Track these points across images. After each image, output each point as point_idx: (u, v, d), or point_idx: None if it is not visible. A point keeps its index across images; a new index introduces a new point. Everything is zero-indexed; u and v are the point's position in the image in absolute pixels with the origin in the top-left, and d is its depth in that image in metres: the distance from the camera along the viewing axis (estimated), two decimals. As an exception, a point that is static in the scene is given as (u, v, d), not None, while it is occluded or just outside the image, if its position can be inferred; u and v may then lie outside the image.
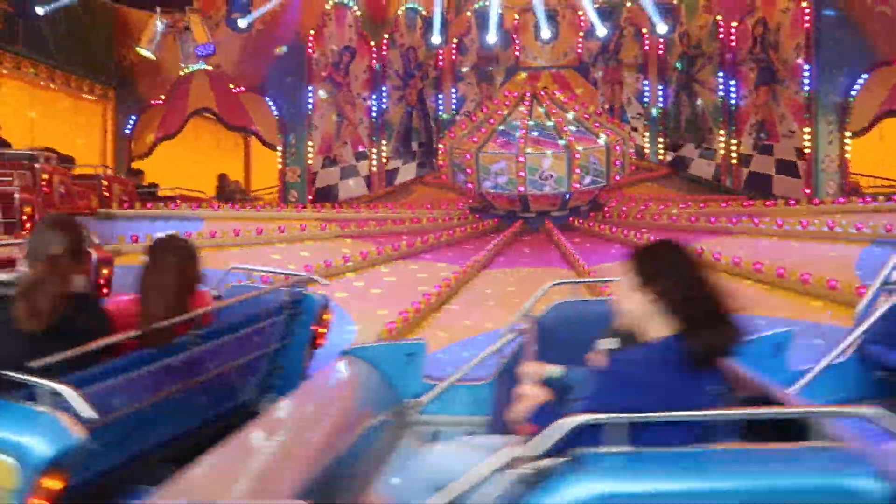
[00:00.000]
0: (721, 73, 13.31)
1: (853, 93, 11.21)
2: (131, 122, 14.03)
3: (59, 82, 12.88)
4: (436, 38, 13.65)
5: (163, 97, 13.80)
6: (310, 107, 13.45)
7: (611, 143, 10.71)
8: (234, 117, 13.64)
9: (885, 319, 3.18)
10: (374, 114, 14.35)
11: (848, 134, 11.38)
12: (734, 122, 13.11)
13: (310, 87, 13.46)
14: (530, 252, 9.27)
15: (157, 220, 9.05)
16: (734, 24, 13.01)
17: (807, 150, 11.47)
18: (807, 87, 11.45)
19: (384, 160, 14.47)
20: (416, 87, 14.90)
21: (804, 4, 11.42)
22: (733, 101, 13.13)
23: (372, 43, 14.25)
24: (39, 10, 11.16)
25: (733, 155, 13.16)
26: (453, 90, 15.15)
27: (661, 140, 14.69)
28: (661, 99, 14.66)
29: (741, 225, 9.27)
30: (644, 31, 14.44)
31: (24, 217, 6.60)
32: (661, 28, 13.06)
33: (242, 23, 12.44)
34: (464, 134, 11.21)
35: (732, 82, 13.10)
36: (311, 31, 13.55)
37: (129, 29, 13.54)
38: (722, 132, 13.35)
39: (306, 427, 2.06)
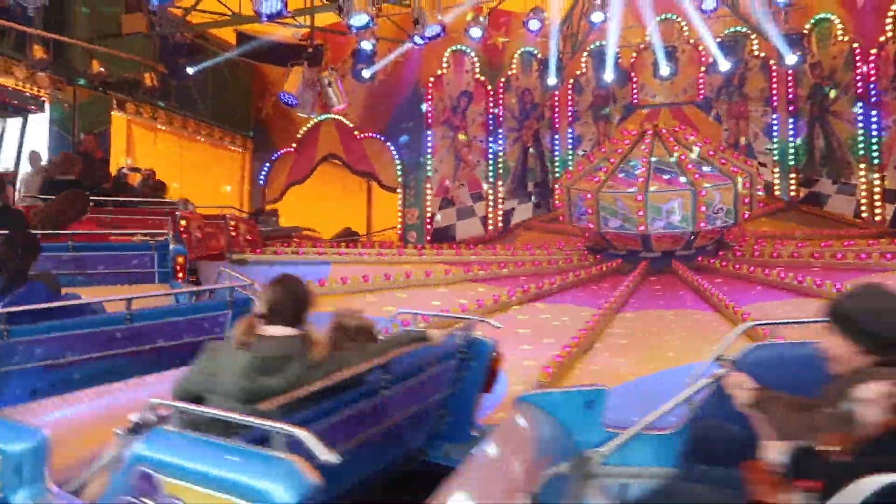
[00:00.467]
0: (860, 104, 12.48)
1: None
2: (265, 168, 15.12)
3: (204, 134, 14.15)
4: (551, 80, 13.76)
5: (294, 145, 14.79)
6: (429, 151, 13.94)
7: (739, 179, 10.28)
8: (359, 162, 14.36)
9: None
10: (490, 156, 14.62)
11: None
12: (877, 155, 12.21)
13: (428, 132, 13.96)
14: (661, 293, 8.97)
15: (286, 263, 9.32)
16: (873, 51, 12.22)
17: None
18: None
19: (500, 201, 14.64)
20: (531, 128, 15.05)
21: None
22: (875, 133, 12.25)
23: (489, 87, 14.61)
24: (189, 71, 12.34)
25: (876, 190, 12.23)
26: (569, 130, 15.15)
27: (792, 176, 13.89)
28: (791, 132, 13.91)
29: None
30: (771, 62, 13.84)
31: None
32: (790, 59, 12.51)
33: (366, 74, 13.15)
34: (582, 174, 11.15)
35: (873, 112, 12.24)
36: (431, 79, 14.12)
37: (266, 84, 14.70)
38: (863, 166, 12.46)
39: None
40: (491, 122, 14.62)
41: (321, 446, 1.71)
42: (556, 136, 15.21)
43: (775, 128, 14.03)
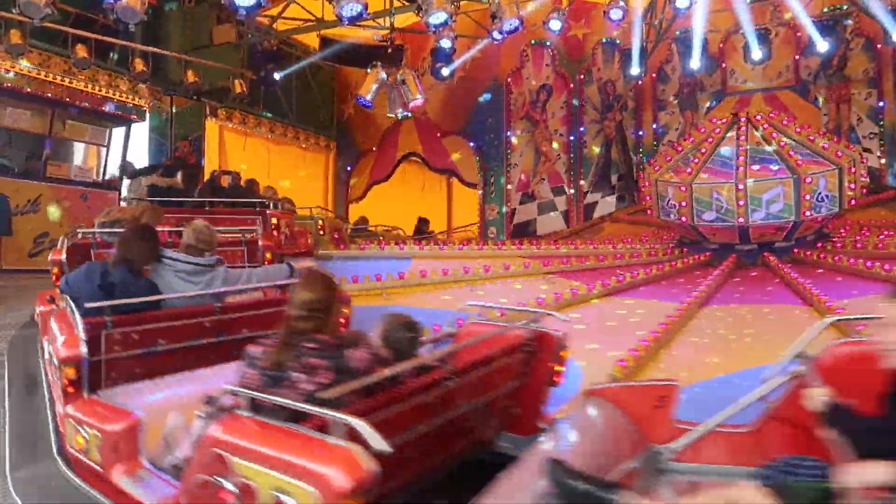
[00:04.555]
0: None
1: None
2: (348, 168, 15.49)
3: (290, 136, 14.65)
4: (634, 70, 13.35)
5: (375, 147, 15.06)
6: (509, 146, 13.86)
7: (843, 165, 9.66)
8: (438, 160, 14.46)
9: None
10: (571, 149, 14.37)
11: None
12: None
13: (509, 127, 13.88)
14: (748, 288, 8.54)
15: (369, 259, 9.65)
16: None
17: None
18: None
19: (582, 194, 14.38)
20: (614, 119, 14.68)
21: None
22: None
23: (569, 79, 14.35)
24: (276, 76, 12.78)
25: None
26: (654, 120, 14.68)
27: (901, 161, 12.90)
28: (900, 115, 12.89)
29: None
30: (876, 41, 12.88)
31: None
32: (898, 36, 11.59)
33: (445, 71, 13.17)
34: (670, 165, 10.74)
35: None
36: (509, 73, 14.02)
37: (348, 86, 15.03)
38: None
39: None
40: (572, 114, 14.37)
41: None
42: (641, 128, 14.78)
43: (881, 110, 13.07)
